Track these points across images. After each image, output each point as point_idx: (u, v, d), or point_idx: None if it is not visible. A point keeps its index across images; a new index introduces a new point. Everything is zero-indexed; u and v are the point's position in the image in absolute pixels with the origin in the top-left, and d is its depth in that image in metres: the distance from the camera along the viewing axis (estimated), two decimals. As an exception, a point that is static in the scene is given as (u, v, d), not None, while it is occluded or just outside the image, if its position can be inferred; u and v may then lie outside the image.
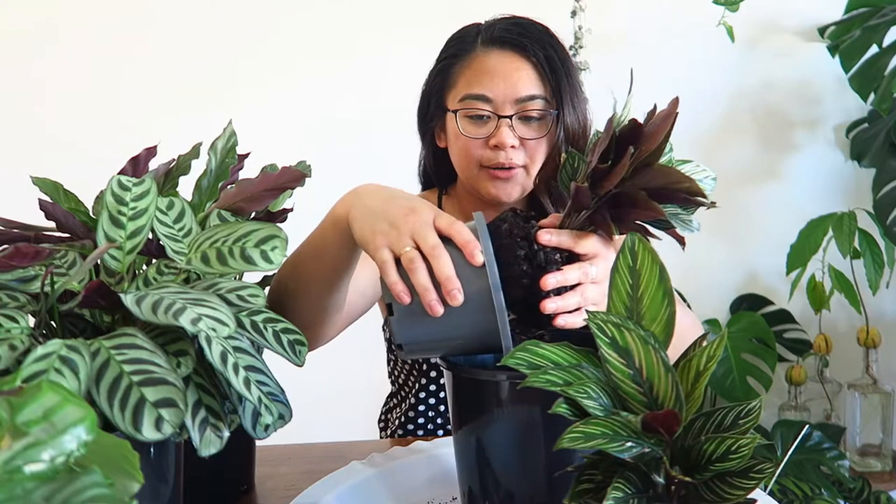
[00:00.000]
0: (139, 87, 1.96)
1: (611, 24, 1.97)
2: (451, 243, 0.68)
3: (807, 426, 1.83)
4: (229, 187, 0.87)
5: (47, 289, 0.61)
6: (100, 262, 0.67)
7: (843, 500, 1.61)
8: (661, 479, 0.52)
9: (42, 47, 1.94)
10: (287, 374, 0.72)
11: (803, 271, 2.00)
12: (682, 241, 0.73)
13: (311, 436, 1.05)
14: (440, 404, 1.23)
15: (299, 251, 0.87)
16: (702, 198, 0.67)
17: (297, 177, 0.82)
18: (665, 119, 0.65)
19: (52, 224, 0.77)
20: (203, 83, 1.96)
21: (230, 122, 0.90)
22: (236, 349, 0.62)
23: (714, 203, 0.69)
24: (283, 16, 1.98)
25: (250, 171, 0.93)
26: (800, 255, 1.98)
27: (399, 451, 0.92)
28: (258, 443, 0.92)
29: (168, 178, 0.85)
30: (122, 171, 0.84)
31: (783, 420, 1.89)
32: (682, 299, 1.15)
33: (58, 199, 0.81)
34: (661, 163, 0.68)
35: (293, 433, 0.80)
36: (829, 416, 2.05)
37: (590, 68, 1.89)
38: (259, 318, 0.69)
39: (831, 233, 1.94)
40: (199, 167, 0.87)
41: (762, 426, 1.85)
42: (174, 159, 0.88)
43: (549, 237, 0.71)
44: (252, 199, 0.81)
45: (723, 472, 0.51)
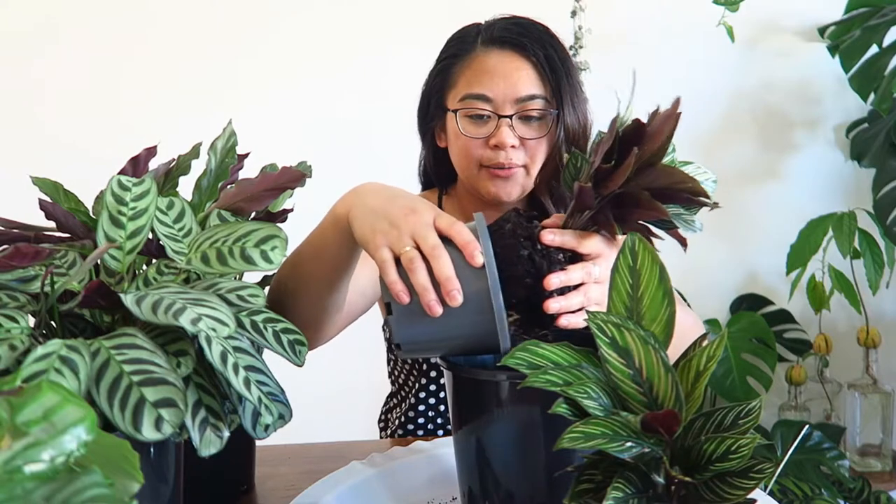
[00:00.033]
0: (139, 87, 1.96)
1: (611, 24, 1.97)
2: (452, 244, 0.68)
3: (807, 426, 1.83)
4: (229, 187, 0.87)
5: (47, 289, 0.61)
6: (100, 262, 0.67)
7: (843, 500, 1.61)
8: (661, 479, 0.52)
9: (42, 47, 1.94)
10: (287, 374, 0.72)
11: (803, 271, 2.00)
12: (684, 243, 0.73)
13: (311, 436, 1.05)
14: (440, 404, 1.23)
15: (299, 250, 0.86)
16: (705, 198, 0.67)
17: (297, 177, 0.82)
18: (668, 119, 0.65)
19: (52, 224, 0.77)
20: (203, 83, 1.96)
21: (230, 122, 0.90)
22: (236, 349, 0.62)
23: (717, 203, 0.69)
24: (283, 16, 1.98)
25: (250, 171, 0.93)
26: (800, 255, 1.97)
27: (399, 451, 0.92)
28: (258, 443, 0.92)
29: (168, 178, 0.85)
30: (122, 171, 0.84)
31: (783, 420, 1.89)
32: (682, 299, 1.14)
33: (58, 199, 0.81)
34: (663, 163, 0.68)
35: (293, 433, 0.80)
36: (829, 416, 2.05)
37: (590, 68, 1.89)
38: (259, 318, 0.69)
39: (831, 233, 1.94)
40: (199, 167, 0.87)
41: (762, 426, 1.85)
42: (174, 159, 0.88)
43: (552, 237, 0.71)
44: (252, 199, 0.81)
45: (723, 472, 0.51)
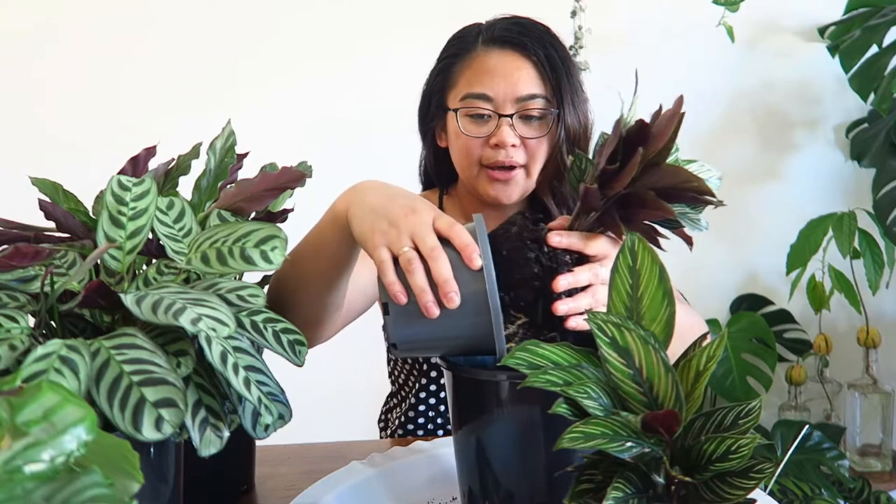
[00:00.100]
0: (139, 87, 1.95)
1: (611, 24, 1.97)
2: (450, 245, 0.68)
3: (807, 426, 1.83)
4: (229, 187, 0.87)
5: (47, 289, 0.61)
6: (100, 262, 0.66)
7: (843, 500, 1.61)
8: (661, 479, 0.52)
9: (42, 47, 1.94)
10: (287, 374, 0.72)
11: (803, 271, 2.00)
12: (689, 242, 0.73)
13: (311, 436, 1.05)
14: (440, 404, 1.23)
15: (298, 248, 0.86)
16: (710, 196, 0.67)
17: (296, 177, 0.82)
18: (671, 118, 0.65)
19: (52, 224, 0.77)
20: (203, 83, 1.96)
21: (229, 122, 0.90)
22: (236, 349, 0.62)
23: (722, 202, 0.69)
24: (283, 16, 1.98)
25: (250, 170, 0.93)
26: (800, 255, 1.97)
27: (399, 451, 0.92)
28: (258, 443, 0.92)
29: (168, 178, 0.85)
30: (121, 171, 0.84)
31: (783, 420, 1.88)
32: (684, 300, 1.14)
33: (57, 200, 0.81)
34: (668, 162, 0.68)
35: (293, 433, 0.80)
36: (829, 416, 2.05)
37: (590, 68, 1.89)
38: (259, 318, 0.69)
39: (831, 233, 1.94)
40: (198, 167, 0.87)
41: (762, 426, 1.85)
42: (174, 159, 0.87)
43: (559, 239, 0.71)
44: (252, 199, 0.81)
45: (723, 472, 0.51)
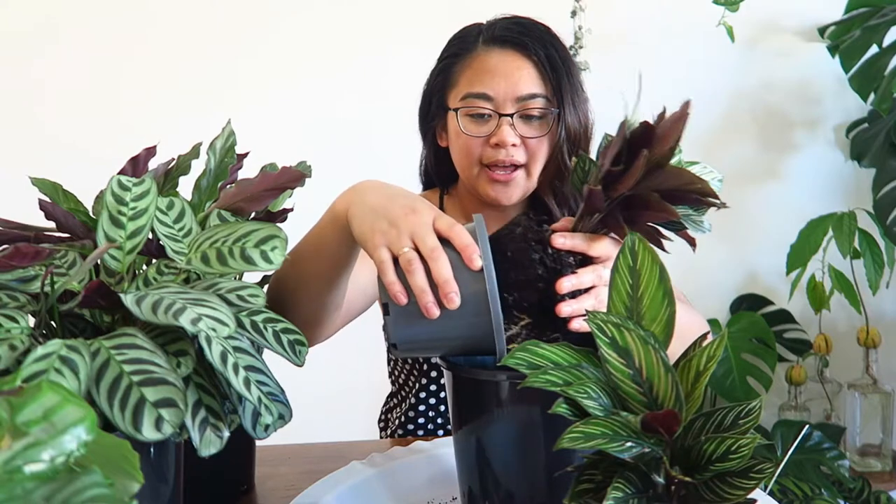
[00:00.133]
0: (139, 87, 1.95)
1: (611, 24, 1.97)
2: (451, 245, 0.68)
3: (807, 426, 1.83)
4: (229, 187, 0.87)
5: (47, 289, 0.61)
6: (100, 262, 0.66)
7: (843, 500, 1.61)
8: (661, 479, 0.52)
9: (42, 47, 1.94)
10: (287, 374, 0.72)
11: (803, 271, 2.00)
12: (693, 243, 0.73)
13: (311, 436, 1.05)
14: (440, 404, 1.23)
15: (298, 247, 0.86)
16: (713, 198, 0.67)
17: (296, 177, 0.82)
18: (677, 121, 0.65)
19: (52, 224, 0.77)
20: (203, 83, 1.96)
21: (229, 122, 0.90)
22: (236, 349, 0.62)
23: (725, 203, 0.69)
24: (283, 16, 1.98)
25: (250, 170, 0.93)
26: (800, 255, 1.97)
27: (399, 451, 0.92)
28: (258, 443, 0.92)
29: (168, 178, 0.85)
30: (121, 171, 0.84)
31: (783, 420, 1.88)
32: (685, 299, 1.14)
33: (57, 200, 0.81)
34: (671, 164, 0.68)
35: (293, 433, 0.80)
36: (829, 416, 2.05)
37: (590, 68, 1.89)
38: (259, 318, 0.69)
39: (831, 233, 1.94)
40: (199, 167, 0.87)
41: (762, 426, 1.85)
42: (174, 159, 0.87)
43: (562, 240, 0.71)
44: (252, 199, 0.81)
45: (723, 472, 0.51)
